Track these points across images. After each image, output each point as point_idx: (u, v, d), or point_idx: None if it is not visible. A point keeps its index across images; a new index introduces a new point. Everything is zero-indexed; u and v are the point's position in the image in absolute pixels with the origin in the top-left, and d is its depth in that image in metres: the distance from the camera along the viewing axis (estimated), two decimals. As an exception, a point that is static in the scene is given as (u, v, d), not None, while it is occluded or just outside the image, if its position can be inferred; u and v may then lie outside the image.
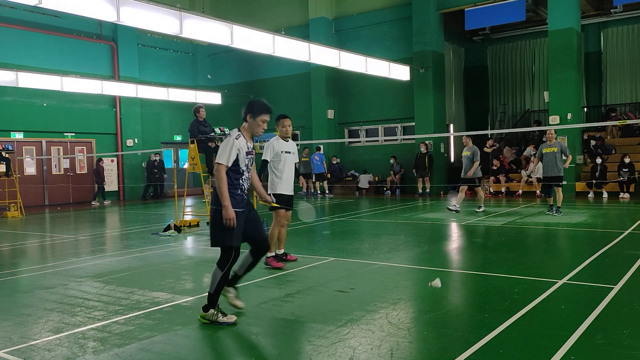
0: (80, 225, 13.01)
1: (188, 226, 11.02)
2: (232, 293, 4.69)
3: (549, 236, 8.95)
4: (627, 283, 5.29)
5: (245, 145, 4.43)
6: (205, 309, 4.41)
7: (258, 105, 4.49)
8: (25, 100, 18.27)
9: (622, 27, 19.20)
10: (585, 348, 3.62)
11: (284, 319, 4.52)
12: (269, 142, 6.70)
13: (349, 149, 21.57)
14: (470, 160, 12.23)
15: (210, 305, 4.39)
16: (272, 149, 6.60)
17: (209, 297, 4.41)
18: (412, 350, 3.76)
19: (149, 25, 9.57)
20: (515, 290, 5.21)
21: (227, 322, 4.34)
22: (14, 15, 17.86)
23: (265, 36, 11.79)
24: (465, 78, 21.88)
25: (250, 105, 4.51)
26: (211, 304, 4.40)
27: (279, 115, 6.61)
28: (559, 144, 11.22)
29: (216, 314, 4.37)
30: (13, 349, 3.94)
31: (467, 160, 12.29)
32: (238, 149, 4.37)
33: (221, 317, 4.36)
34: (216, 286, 4.38)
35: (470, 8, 17.44)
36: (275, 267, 6.58)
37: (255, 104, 4.50)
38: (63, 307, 5.08)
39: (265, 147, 6.67)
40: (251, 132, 4.51)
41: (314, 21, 20.76)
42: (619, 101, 19.35)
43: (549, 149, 11.17)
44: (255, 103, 4.52)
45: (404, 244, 8.38)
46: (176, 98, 19.77)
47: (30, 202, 18.18)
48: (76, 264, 7.36)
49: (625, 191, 15.11)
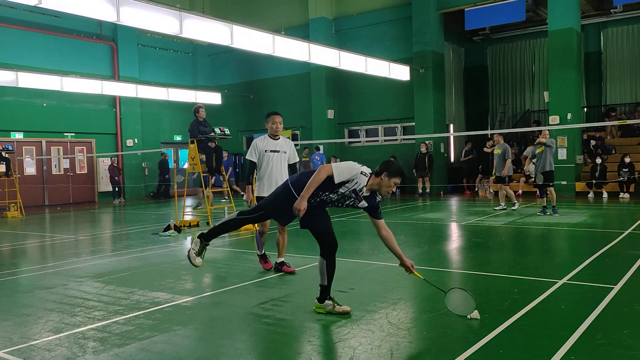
0: (80, 225, 13.01)
1: (188, 226, 11.02)
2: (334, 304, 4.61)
3: (549, 236, 8.95)
4: (627, 283, 5.29)
5: (360, 187, 4.38)
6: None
7: (396, 168, 4.43)
8: (25, 100, 18.27)
9: (622, 27, 19.20)
10: (585, 348, 3.62)
11: (284, 319, 4.52)
12: (253, 141, 6.39)
13: (348, 149, 21.56)
14: (502, 159, 12.19)
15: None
16: (255, 149, 6.29)
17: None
18: (412, 350, 3.76)
19: (149, 25, 9.56)
20: (515, 290, 5.21)
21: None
22: (14, 15, 17.86)
23: (265, 36, 11.79)
24: (465, 78, 21.87)
25: (389, 165, 4.41)
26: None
27: (269, 112, 6.41)
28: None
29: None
30: (13, 349, 3.94)
31: (499, 159, 12.25)
32: (355, 181, 4.35)
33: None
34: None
35: (470, 8, 17.44)
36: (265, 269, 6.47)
37: (394, 166, 4.43)
38: (63, 307, 5.08)
39: (250, 147, 6.35)
40: (376, 189, 4.44)
41: (314, 21, 20.76)
42: (619, 101, 19.35)
43: (540, 148, 11.14)
44: (394, 165, 4.45)
45: (404, 244, 8.38)
46: (176, 98, 19.77)
47: (30, 202, 18.18)
48: (76, 264, 7.35)
49: (625, 191, 15.11)
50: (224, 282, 6.00)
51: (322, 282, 4.60)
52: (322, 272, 4.59)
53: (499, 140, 12.39)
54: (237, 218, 4.66)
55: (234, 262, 7.18)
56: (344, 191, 4.40)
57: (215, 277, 6.55)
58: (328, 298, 4.60)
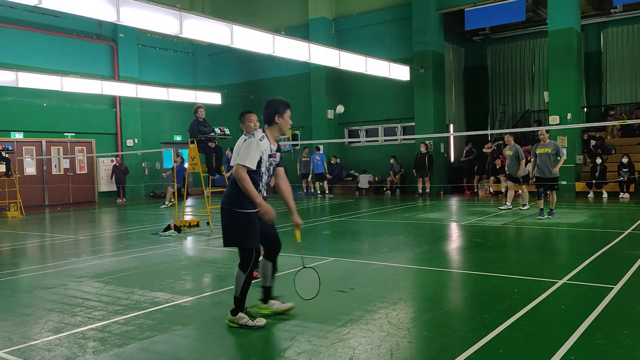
0: (80, 225, 13.01)
1: (188, 226, 11.02)
2: (276, 303, 4.68)
3: (549, 236, 8.95)
4: (627, 283, 5.29)
5: (268, 147, 4.33)
6: (233, 312, 4.35)
7: (281, 103, 4.40)
8: (25, 100, 18.27)
9: (622, 27, 19.20)
10: (585, 348, 3.63)
11: (284, 319, 4.52)
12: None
13: (348, 149, 21.56)
14: (515, 159, 12.10)
15: (238, 309, 4.34)
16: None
17: (235, 301, 4.34)
18: (412, 350, 3.76)
19: (149, 25, 9.57)
20: (515, 290, 5.21)
21: (257, 326, 4.28)
22: (14, 15, 17.86)
23: (265, 36, 11.78)
24: (465, 78, 21.87)
25: (274, 104, 4.38)
26: (239, 307, 4.33)
27: (243, 111, 6.29)
28: (554, 145, 10.69)
29: (245, 318, 4.31)
30: (13, 349, 3.94)
31: (511, 160, 12.15)
32: (262, 151, 4.27)
33: (250, 321, 4.30)
34: (241, 289, 4.32)
35: (470, 8, 17.43)
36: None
37: (278, 103, 4.40)
38: (63, 307, 5.08)
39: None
40: (280, 132, 4.42)
41: (314, 21, 20.76)
42: (619, 101, 19.34)
43: (542, 149, 10.65)
44: (277, 102, 4.41)
45: (404, 244, 8.38)
46: (176, 98, 19.77)
47: (30, 202, 18.17)
48: (76, 264, 7.36)
49: (625, 191, 15.11)
50: (224, 282, 6.00)
51: (266, 283, 4.64)
52: (267, 275, 4.63)
53: (509, 141, 12.22)
54: (248, 273, 4.34)
55: (234, 262, 7.16)
56: (267, 165, 4.37)
57: (215, 277, 6.55)
58: (272, 298, 4.66)
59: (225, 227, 4.37)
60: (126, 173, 20.05)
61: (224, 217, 4.36)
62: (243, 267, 4.32)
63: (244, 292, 4.34)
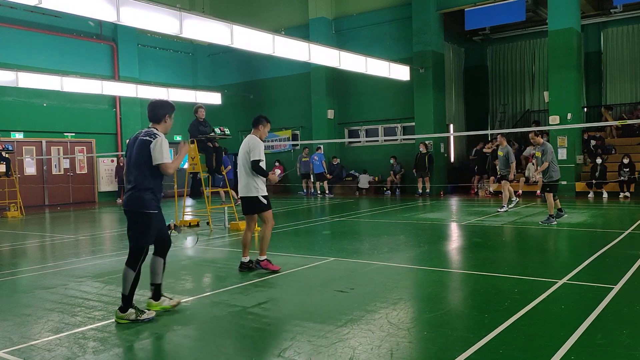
0: (81, 225, 13.01)
1: (188, 226, 11.01)
2: (167, 299, 4.88)
3: (548, 236, 8.95)
4: (627, 283, 5.29)
5: None
6: (123, 310, 4.48)
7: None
8: (25, 100, 18.27)
9: (622, 27, 19.20)
10: (585, 348, 3.63)
11: (283, 319, 4.52)
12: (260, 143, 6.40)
13: (348, 149, 21.56)
14: (504, 160, 12.12)
15: (128, 305, 4.49)
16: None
17: (124, 299, 4.49)
18: (412, 350, 3.76)
19: (149, 25, 9.56)
20: (515, 290, 5.21)
21: (148, 318, 4.51)
22: (14, 15, 17.85)
23: (265, 36, 11.78)
24: (465, 78, 21.87)
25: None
26: (128, 304, 4.50)
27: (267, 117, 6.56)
28: (543, 148, 10.06)
29: (135, 313, 4.49)
30: (13, 349, 3.94)
31: (502, 161, 12.18)
32: None
33: (141, 315, 4.49)
34: (130, 286, 4.50)
35: (470, 8, 17.43)
36: (272, 270, 6.36)
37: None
38: (63, 307, 5.08)
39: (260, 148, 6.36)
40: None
41: (314, 21, 20.76)
42: (619, 101, 19.34)
43: (537, 153, 10.30)
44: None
45: (404, 244, 8.38)
46: (176, 98, 19.72)
47: (30, 202, 18.17)
48: (76, 264, 7.36)
49: (625, 191, 15.11)
50: (224, 282, 6.00)
51: (156, 280, 4.80)
52: (158, 272, 4.81)
53: (501, 141, 12.31)
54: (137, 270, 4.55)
55: (234, 262, 7.17)
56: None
57: (215, 277, 6.55)
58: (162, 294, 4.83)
59: (134, 228, 4.63)
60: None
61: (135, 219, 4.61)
62: (133, 265, 4.56)
63: (133, 288, 4.54)
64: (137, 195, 4.53)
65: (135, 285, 4.53)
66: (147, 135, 4.61)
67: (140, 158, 4.53)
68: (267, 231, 6.45)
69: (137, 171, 4.55)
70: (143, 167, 4.53)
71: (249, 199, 6.39)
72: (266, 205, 6.38)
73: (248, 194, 6.37)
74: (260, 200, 6.35)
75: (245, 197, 6.42)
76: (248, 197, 6.39)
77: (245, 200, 6.44)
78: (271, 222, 6.48)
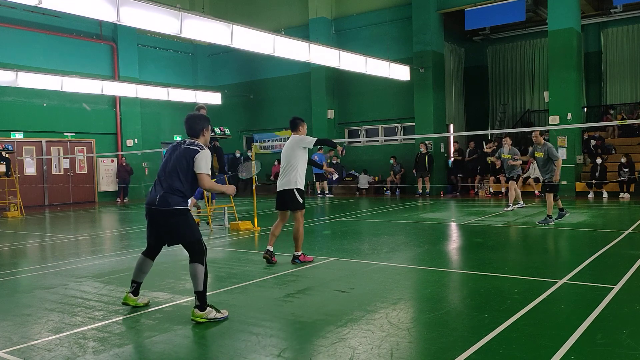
0: (80, 225, 13.01)
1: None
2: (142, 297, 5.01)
3: (548, 236, 8.95)
4: (627, 283, 5.29)
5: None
6: (201, 308, 4.47)
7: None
8: (25, 100, 18.27)
9: (622, 27, 19.20)
10: (585, 348, 3.63)
11: (284, 319, 4.52)
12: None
13: (348, 149, 21.56)
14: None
15: (205, 303, 4.49)
16: None
17: (200, 296, 4.48)
18: (412, 350, 3.76)
19: (149, 25, 9.56)
20: (515, 290, 5.21)
21: (223, 317, 4.51)
22: (14, 15, 17.86)
23: (265, 36, 11.78)
24: (465, 78, 21.87)
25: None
26: (205, 301, 4.50)
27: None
28: (545, 149, 9.87)
29: (214, 311, 4.50)
30: (13, 349, 3.94)
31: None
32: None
33: (218, 314, 4.50)
34: (204, 281, 4.51)
35: (470, 8, 17.43)
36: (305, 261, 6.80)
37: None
38: (63, 307, 5.08)
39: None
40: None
41: (314, 21, 20.76)
42: (619, 101, 19.34)
43: (538, 153, 10.07)
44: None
45: (404, 244, 8.38)
46: (176, 98, 19.75)
47: (30, 202, 18.17)
48: (76, 264, 7.36)
49: (625, 191, 15.11)
50: (224, 282, 6.00)
51: (140, 279, 4.93)
52: (144, 271, 4.93)
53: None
54: (205, 265, 4.59)
55: (234, 262, 7.18)
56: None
57: (215, 277, 6.54)
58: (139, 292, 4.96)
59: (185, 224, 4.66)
60: (131, 173, 20.13)
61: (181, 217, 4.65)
62: (202, 260, 4.57)
63: (206, 284, 4.54)
64: (171, 196, 4.57)
65: (206, 279, 4.55)
66: (192, 145, 4.69)
67: (181, 164, 4.59)
68: (301, 228, 6.75)
69: (174, 176, 4.60)
70: (182, 173, 4.59)
71: (284, 193, 6.68)
72: (300, 204, 6.67)
73: (284, 187, 6.67)
74: (295, 194, 6.62)
75: (280, 191, 6.71)
76: (284, 190, 6.67)
77: (280, 194, 6.72)
78: (302, 221, 6.78)
